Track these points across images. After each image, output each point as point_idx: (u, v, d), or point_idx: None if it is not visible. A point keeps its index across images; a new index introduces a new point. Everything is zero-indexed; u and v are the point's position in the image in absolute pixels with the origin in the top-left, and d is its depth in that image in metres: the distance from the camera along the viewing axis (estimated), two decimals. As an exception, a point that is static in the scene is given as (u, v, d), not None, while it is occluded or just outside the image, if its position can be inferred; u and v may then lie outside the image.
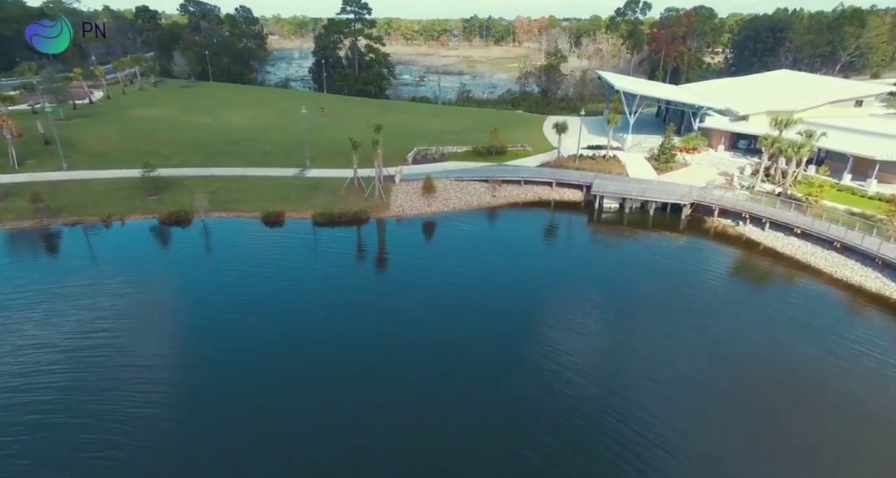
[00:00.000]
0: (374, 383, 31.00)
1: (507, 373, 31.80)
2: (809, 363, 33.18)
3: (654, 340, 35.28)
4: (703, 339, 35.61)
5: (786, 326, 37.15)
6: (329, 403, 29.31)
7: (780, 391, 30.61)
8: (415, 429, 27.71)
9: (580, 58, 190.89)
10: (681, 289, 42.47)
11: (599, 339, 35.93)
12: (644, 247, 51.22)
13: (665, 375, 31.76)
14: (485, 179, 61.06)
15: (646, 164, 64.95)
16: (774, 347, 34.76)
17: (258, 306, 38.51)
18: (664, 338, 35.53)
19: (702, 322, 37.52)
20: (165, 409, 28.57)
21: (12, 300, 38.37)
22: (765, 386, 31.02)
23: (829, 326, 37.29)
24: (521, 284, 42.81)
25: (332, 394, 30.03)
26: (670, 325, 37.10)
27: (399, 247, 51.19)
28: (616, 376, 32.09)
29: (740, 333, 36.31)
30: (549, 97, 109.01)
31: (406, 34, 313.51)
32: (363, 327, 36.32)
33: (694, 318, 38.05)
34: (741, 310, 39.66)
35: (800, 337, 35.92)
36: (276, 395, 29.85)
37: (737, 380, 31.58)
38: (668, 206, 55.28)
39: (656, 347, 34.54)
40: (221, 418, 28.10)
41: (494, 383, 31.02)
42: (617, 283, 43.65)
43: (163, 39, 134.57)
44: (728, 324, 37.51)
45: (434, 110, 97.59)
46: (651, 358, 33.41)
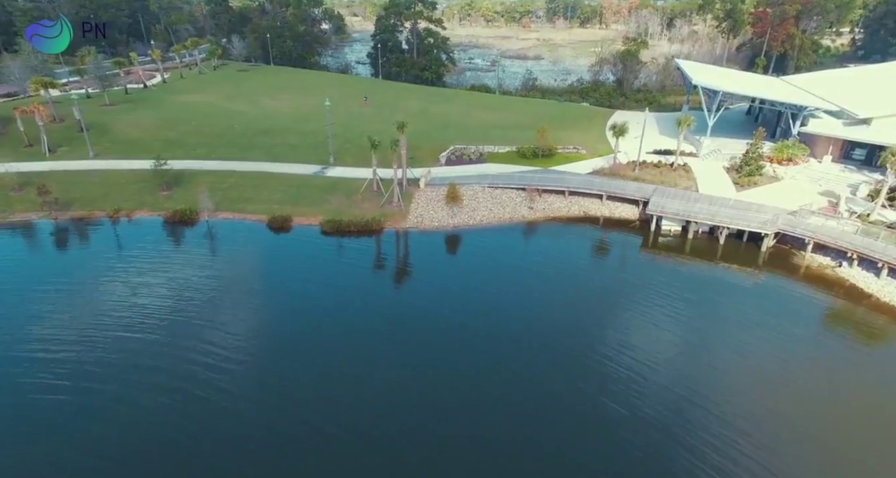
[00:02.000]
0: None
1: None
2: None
3: (722, 419, 27.21)
4: (784, 416, 27.33)
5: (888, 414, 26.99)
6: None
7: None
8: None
9: (671, 42, 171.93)
10: (753, 344, 33.09)
11: (642, 394, 28.99)
12: (708, 285, 41.26)
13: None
14: (522, 188, 52.61)
15: (723, 176, 53.18)
16: (882, 443, 25.53)
17: (230, 330, 34.11)
18: (735, 413, 27.60)
19: (781, 392, 29.06)
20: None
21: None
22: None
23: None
24: (552, 321, 35.68)
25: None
26: (740, 394, 29.05)
27: (412, 267, 45.13)
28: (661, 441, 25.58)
29: (834, 413, 27.58)
30: (624, 88, 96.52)
31: (487, 16, 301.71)
32: (357, 362, 31.44)
33: (770, 386, 29.56)
34: (836, 385, 29.90)
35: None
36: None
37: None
38: (744, 233, 44.21)
39: (711, 416, 27.28)
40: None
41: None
42: (670, 327, 35.05)
43: (233, 23, 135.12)
44: (817, 398, 28.56)
45: (489, 101, 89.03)
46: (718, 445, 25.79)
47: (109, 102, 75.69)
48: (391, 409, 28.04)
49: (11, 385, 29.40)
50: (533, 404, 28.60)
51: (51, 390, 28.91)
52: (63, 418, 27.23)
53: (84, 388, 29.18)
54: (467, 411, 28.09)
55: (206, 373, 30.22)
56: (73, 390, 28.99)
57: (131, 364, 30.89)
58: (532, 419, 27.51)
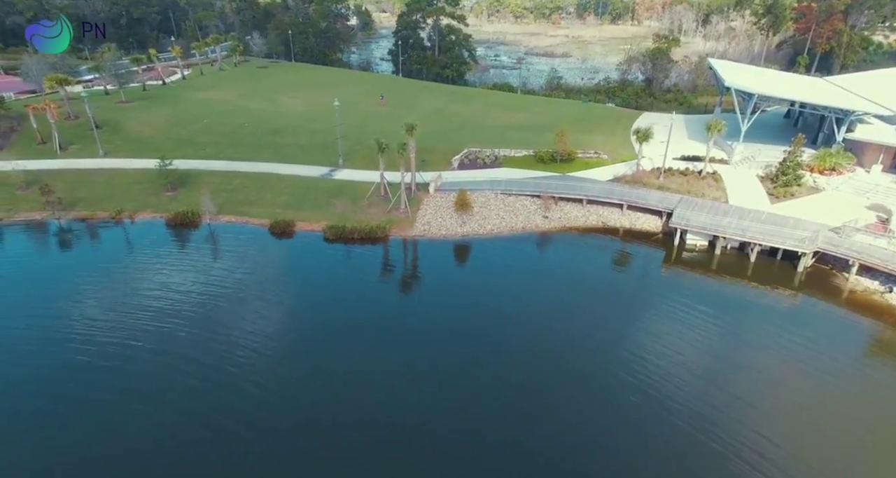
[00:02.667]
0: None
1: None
2: None
3: (739, 448, 24.93)
4: (813, 455, 24.61)
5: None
6: None
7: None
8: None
9: (706, 39, 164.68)
10: (784, 373, 30.01)
11: (663, 432, 26.18)
12: (736, 306, 37.78)
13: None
14: (537, 195, 49.48)
15: (757, 186, 48.97)
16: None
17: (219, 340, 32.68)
18: (754, 443, 25.22)
19: (813, 428, 26.38)
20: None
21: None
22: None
23: None
24: (559, 342, 33.18)
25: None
26: (773, 431, 26.06)
27: (416, 279, 42.96)
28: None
29: (870, 449, 24.74)
30: (654, 88, 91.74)
31: (516, 12, 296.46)
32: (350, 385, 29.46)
33: (801, 420, 26.72)
34: (876, 419, 26.78)
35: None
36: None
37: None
38: (779, 251, 40.21)
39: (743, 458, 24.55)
40: None
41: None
42: (693, 353, 32.10)
43: (257, 19, 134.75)
44: (852, 433, 25.63)
45: (510, 101, 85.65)
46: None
47: (125, 99, 75.33)
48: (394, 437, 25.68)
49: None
50: (540, 426, 26.57)
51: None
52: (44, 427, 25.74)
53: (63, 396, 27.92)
54: (475, 427, 26.40)
55: (195, 382, 28.89)
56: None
57: (118, 371, 29.78)
58: (542, 440, 25.60)
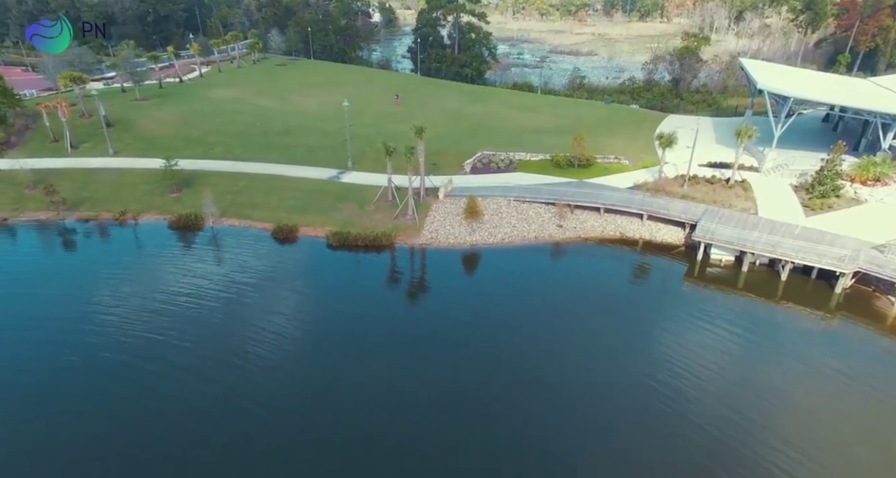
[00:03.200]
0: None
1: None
2: None
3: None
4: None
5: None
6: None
7: None
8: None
9: (739, 37, 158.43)
10: (819, 410, 27.33)
11: (675, 454, 24.60)
12: (765, 328, 35.00)
13: None
14: (552, 202, 46.95)
15: (790, 196, 45.51)
16: None
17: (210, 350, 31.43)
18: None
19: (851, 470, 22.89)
20: None
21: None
22: None
23: None
24: (572, 362, 31.28)
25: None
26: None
27: (420, 289, 40.97)
28: None
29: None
30: (681, 89, 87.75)
31: (541, 9, 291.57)
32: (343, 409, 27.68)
33: (835, 458, 24.13)
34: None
35: None
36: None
37: None
38: (813, 269, 36.96)
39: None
40: None
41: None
42: (715, 379, 29.61)
43: (278, 16, 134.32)
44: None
45: (529, 101, 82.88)
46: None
47: (141, 97, 75.11)
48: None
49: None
50: (551, 454, 24.59)
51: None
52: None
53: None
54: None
55: (187, 395, 27.42)
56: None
57: (102, 385, 28.78)
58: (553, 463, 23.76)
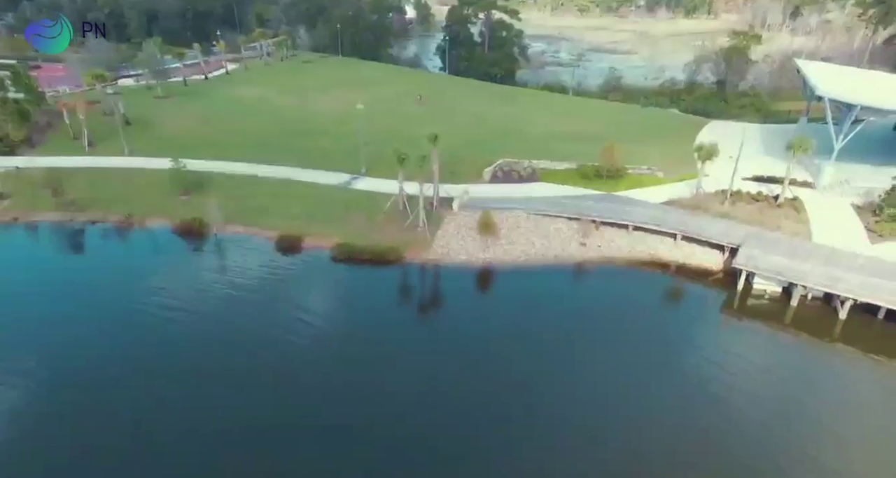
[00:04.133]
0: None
1: None
2: None
3: None
4: None
5: None
6: None
7: None
8: None
9: (794, 34, 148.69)
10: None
11: None
12: (818, 372, 31.07)
13: None
14: (576, 218, 43.08)
15: (853, 218, 40.29)
16: None
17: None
18: None
19: None
20: None
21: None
22: None
23: None
24: (596, 397, 28.28)
25: None
26: None
27: (425, 312, 38.09)
28: None
29: None
30: (726, 91, 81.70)
31: (580, 5, 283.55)
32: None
33: None
34: None
35: None
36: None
37: None
38: (881, 308, 32.06)
39: None
40: None
41: None
42: (753, 431, 25.96)
43: (310, 12, 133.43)
44: None
45: (560, 104, 78.57)
46: None
47: (163, 95, 74.60)
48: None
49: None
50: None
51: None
52: None
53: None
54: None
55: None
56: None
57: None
58: None
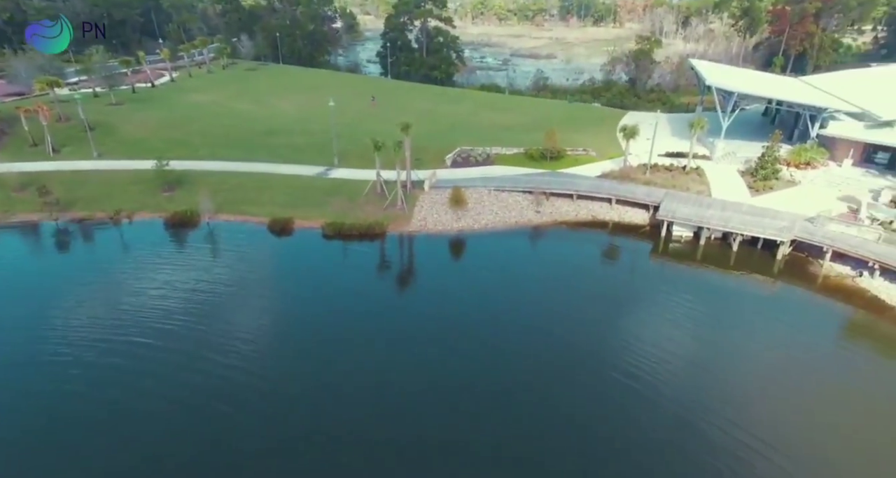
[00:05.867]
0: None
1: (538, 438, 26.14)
2: None
3: (724, 422, 26.65)
4: (793, 430, 26.35)
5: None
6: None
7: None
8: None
9: (686, 41, 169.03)
10: (765, 355, 31.80)
11: (656, 407, 27.89)
12: (721, 292, 39.93)
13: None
14: (529, 191, 51.27)
15: (738, 180, 51.41)
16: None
17: (227, 335, 33.50)
18: (738, 419, 26.88)
19: (792, 406, 27.85)
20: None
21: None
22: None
23: None
24: (558, 330, 34.48)
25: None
26: (745, 402, 28.21)
27: (414, 272, 44.18)
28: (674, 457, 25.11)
29: (846, 425, 26.62)
30: (637, 88, 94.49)
31: (500, 14, 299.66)
32: (360, 371, 30.53)
33: (783, 398, 28.45)
34: (852, 396, 28.56)
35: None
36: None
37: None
38: (759, 240, 42.47)
39: (728, 431, 26.21)
40: None
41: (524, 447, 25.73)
42: (681, 337, 33.86)
43: (242, 21, 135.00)
44: (831, 412, 27.40)
45: (499, 101, 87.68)
46: (720, 443, 25.32)
47: (116, 101, 75.56)
48: (392, 415, 27.23)
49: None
50: (531, 409, 27.91)
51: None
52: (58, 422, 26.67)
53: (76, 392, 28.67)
54: (462, 417, 27.53)
55: (204, 379, 29.58)
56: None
57: (131, 369, 30.32)
58: (530, 425, 26.92)
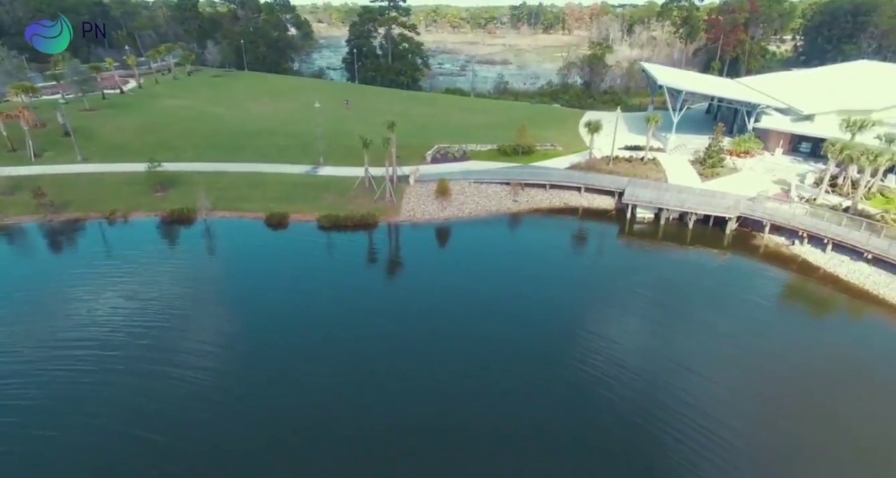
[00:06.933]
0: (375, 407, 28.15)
1: (524, 402, 28.93)
2: (870, 418, 27.66)
3: (687, 375, 30.90)
4: (744, 375, 30.97)
5: (844, 371, 31.25)
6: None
7: (833, 449, 26.01)
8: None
9: (632, 47, 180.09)
10: (720, 315, 37.00)
11: (627, 367, 31.69)
12: (680, 264, 45.37)
13: (702, 410, 28.17)
14: (506, 182, 56.10)
15: (689, 168, 58.06)
16: (827, 394, 29.51)
17: (245, 313, 36.55)
18: (702, 368, 31.50)
19: (743, 355, 32.50)
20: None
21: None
22: (813, 440, 26.65)
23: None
24: (538, 303, 38.47)
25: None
26: (707, 356, 32.68)
27: (406, 257, 47.54)
28: (647, 406, 28.76)
29: (788, 372, 31.09)
30: (592, 90, 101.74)
31: (453, 22, 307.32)
32: (362, 348, 33.38)
33: (734, 349, 33.13)
34: (790, 346, 33.81)
35: (861, 386, 30.07)
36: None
37: (782, 427, 27.22)
38: (710, 218, 48.75)
39: (693, 380, 30.61)
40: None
41: (508, 411, 28.29)
42: (648, 304, 38.61)
43: (203, 28, 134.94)
44: (774, 361, 32.03)
45: (466, 103, 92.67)
46: (687, 391, 29.69)
47: (89, 107, 75.63)
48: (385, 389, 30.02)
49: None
50: (511, 381, 30.36)
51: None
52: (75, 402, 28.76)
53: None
54: (445, 394, 29.75)
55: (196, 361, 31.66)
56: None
57: (145, 356, 32.02)
58: (512, 398, 29.20)
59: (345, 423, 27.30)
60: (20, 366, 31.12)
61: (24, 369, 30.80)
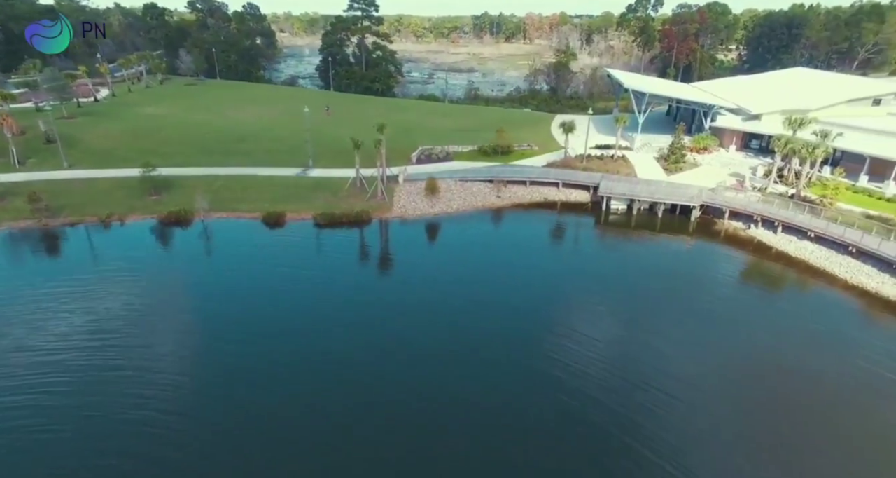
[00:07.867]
0: (366, 390, 30.24)
1: (509, 380, 30.99)
2: (818, 372, 31.97)
3: (659, 347, 34.26)
4: (710, 346, 34.58)
5: (796, 334, 35.78)
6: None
7: (788, 401, 29.46)
8: (411, 437, 27.02)
9: (591, 55, 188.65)
10: (688, 293, 41.17)
11: (605, 345, 34.73)
12: (652, 250, 49.91)
13: (670, 382, 30.68)
14: (489, 180, 59.92)
15: (655, 164, 63.40)
16: (783, 355, 33.50)
17: (253, 308, 38.08)
18: (670, 344, 34.54)
19: (709, 329, 36.32)
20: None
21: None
22: (772, 396, 29.90)
23: (843, 335, 35.89)
24: (524, 288, 41.61)
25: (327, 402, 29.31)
26: (676, 331, 36.00)
27: (401, 250, 50.22)
28: (621, 383, 31.03)
29: (748, 341, 35.04)
30: (559, 95, 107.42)
31: (416, 32, 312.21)
32: (361, 335, 35.42)
33: (701, 324, 36.84)
34: (750, 317, 38.21)
35: (811, 345, 34.59)
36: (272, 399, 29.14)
37: (743, 388, 30.69)
38: (677, 207, 53.80)
39: (662, 354, 33.56)
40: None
41: (495, 389, 30.20)
42: (623, 287, 42.38)
43: (170, 37, 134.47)
44: (736, 331, 36.12)
45: (441, 109, 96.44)
46: (656, 364, 32.47)
47: (68, 115, 75.53)
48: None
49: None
50: (491, 368, 31.95)
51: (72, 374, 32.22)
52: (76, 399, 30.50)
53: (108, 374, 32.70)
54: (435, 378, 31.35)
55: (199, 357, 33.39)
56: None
57: (157, 353, 33.03)
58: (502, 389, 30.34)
59: (344, 411, 28.52)
60: (46, 366, 32.58)
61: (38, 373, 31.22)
